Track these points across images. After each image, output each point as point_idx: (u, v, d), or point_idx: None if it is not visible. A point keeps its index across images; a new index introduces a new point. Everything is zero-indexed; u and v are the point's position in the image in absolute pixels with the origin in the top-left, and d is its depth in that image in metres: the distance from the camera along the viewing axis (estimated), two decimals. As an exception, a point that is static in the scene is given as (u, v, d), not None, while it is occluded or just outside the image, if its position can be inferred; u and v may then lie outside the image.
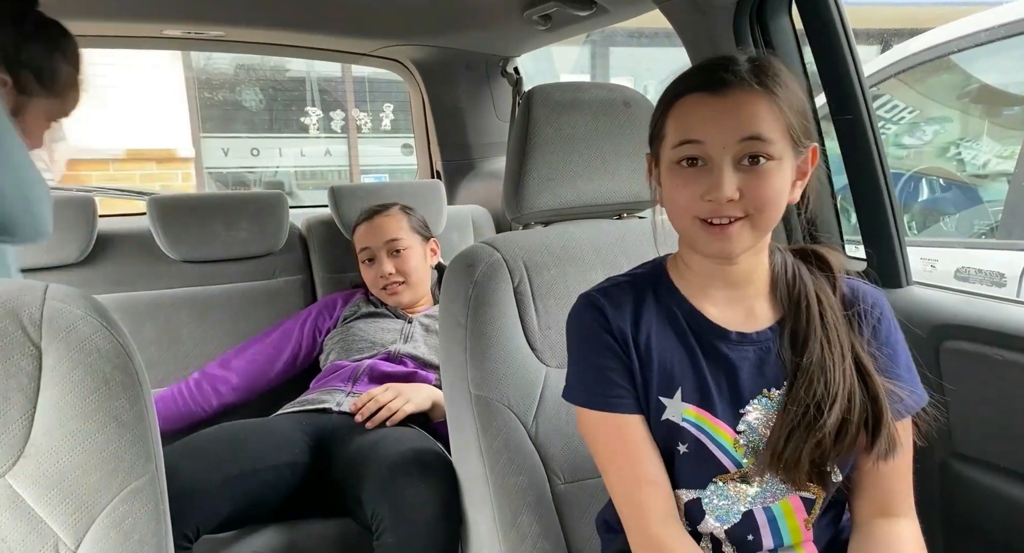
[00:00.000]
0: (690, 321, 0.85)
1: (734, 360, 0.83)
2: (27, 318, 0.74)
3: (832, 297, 0.84)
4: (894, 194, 1.22)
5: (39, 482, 0.73)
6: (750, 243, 0.79)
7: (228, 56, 5.97)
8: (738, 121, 0.76)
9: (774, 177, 0.77)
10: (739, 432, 0.83)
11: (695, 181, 0.78)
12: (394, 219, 1.76)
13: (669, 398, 0.83)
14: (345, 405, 1.52)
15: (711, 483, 0.83)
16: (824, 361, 0.79)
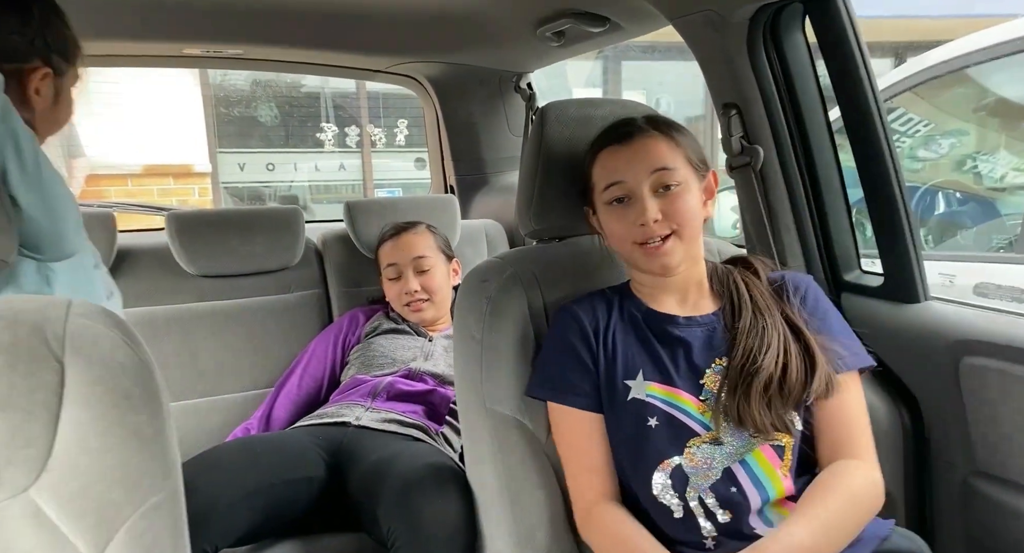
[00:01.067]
0: (646, 317, 1.03)
1: (685, 338, 1.00)
2: (51, 333, 0.76)
3: (758, 281, 1.04)
4: (910, 207, 1.21)
5: (61, 497, 0.74)
6: (682, 254, 0.99)
7: (244, 73, 6.05)
8: (646, 159, 0.98)
9: (685, 197, 0.98)
10: (702, 400, 0.97)
11: (626, 214, 0.99)
12: (421, 237, 1.79)
13: (633, 380, 0.99)
14: (364, 419, 1.53)
15: (686, 448, 0.95)
16: (757, 322, 0.97)
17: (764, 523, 0.93)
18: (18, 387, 0.73)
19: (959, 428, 1.13)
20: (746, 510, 0.92)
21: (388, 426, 1.52)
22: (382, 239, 1.83)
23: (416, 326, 1.77)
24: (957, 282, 2.10)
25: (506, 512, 1.06)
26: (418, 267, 1.74)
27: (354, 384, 1.64)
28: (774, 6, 1.21)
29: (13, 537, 0.73)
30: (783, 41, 1.29)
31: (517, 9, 1.60)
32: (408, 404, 1.58)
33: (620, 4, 1.42)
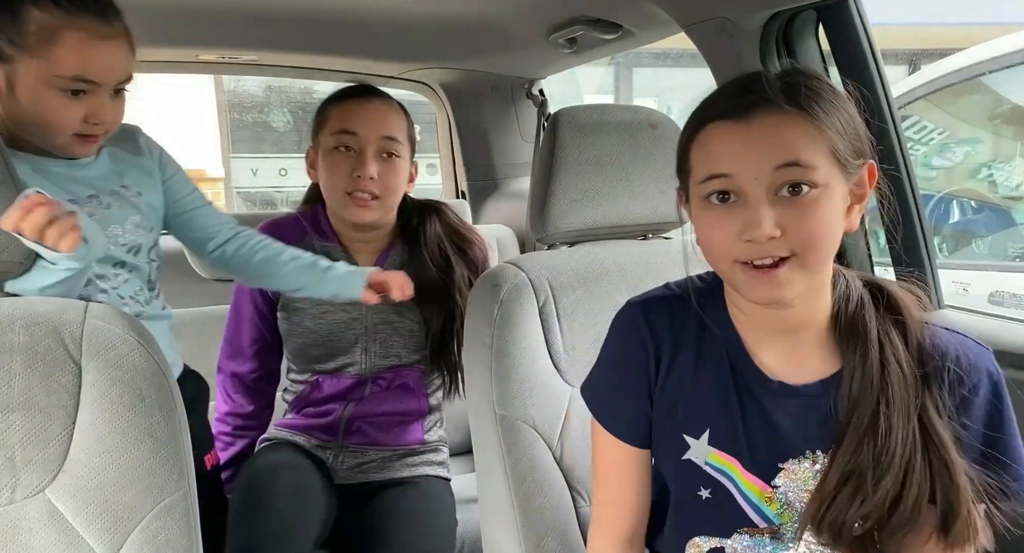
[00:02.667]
0: (734, 358, 0.77)
1: (773, 413, 0.75)
2: (68, 336, 0.77)
3: (900, 346, 0.71)
4: (924, 215, 1.21)
5: (77, 497, 0.75)
6: (803, 285, 0.69)
7: (258, 78, 6.11)
8: (769, 148, 0.67)
9: (820, 207, 0.67)
10: (774, 487, 0.75)
11: (728, 219, 0.69)
12: (395, 113, 1.29)
13: (695, 438, 0.77)
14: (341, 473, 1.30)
15: (736, 533, 0.77)
16: (878, 422, 0.68)
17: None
18: (36, 388, 0.74)
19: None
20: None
21: (373, 473, 1.31)
22: (338, 96, 1.30)
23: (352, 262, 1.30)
24: (972, 291, 2.08)
25: (515, 518, 1.05)
26: (384, 149, 1.25)
27: (302, 402, 1.33)
28: (787, 13, 1.21)
29: (29, 537, 0.74)
30: (796, 48, 1.29)
31: (530, 16, 1.61)
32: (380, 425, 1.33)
33: (633, 11, 1.43)
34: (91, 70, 0.91)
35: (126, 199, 1.04)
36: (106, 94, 0.94)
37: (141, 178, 1.08)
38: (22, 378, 0.74)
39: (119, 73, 0.95)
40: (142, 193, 1.07)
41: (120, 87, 0.97)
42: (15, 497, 0.74)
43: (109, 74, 0.93)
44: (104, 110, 0.95)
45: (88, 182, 1.00)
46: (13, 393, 0.73)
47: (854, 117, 0.71)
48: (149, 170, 1.10)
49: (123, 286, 1.05)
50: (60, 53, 0.89)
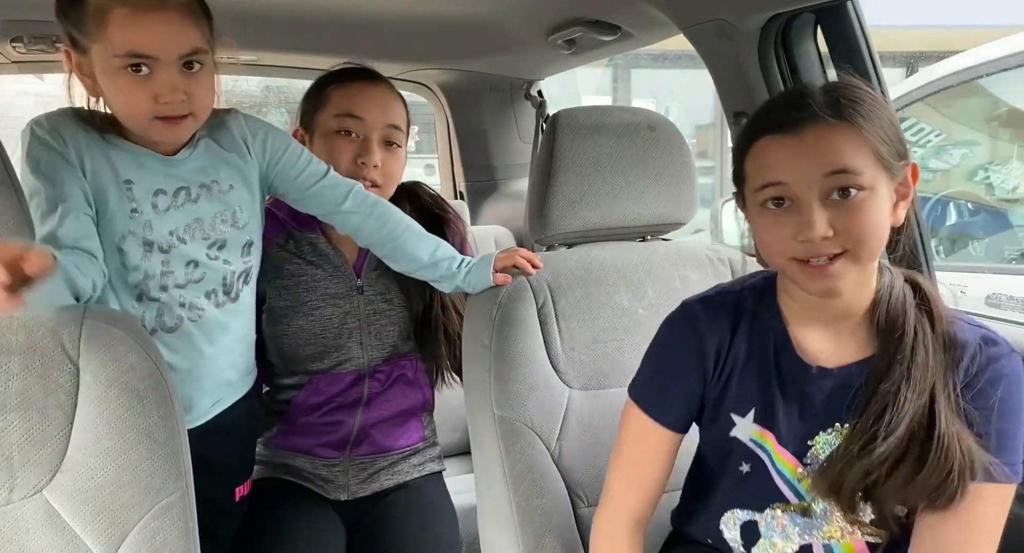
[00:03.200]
0: (779, 348, 0.85)
1: (809, 392, 0.83)
2: (67, 336, 0.77)
3: (929, 333, 0.79)
4: (922, 217, 1.21)
5: (74, 497, 0.75)
6: (853, 279, 0.77)
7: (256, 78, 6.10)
8: (819, 158, 0.74)
9: (868, 208, 0.74)
10: (805, 464, 0.82)
11: (784, 222, 0.76)
12: (398, 101, 1.26)
13: (741, 416, 0.85)
14: (353, 487, 1.26)
15: (769, 508, 0.85)
16: (899, 394, 0.76)
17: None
18: (34, 388, 0.74)
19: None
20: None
21: (384, 480, 1.28)
22: (340, 77, 1.24)
23: (337, 252, 1.24)
24: (969, 293, 2.08)
25: (513, 519, 1.06)
26: (387, 138, 1.21)
27: (302, 409, 1.25)
28: (785, 15, 1.22)
29: (27, 538, 0.74)
30: (794, 50, 1.29)
31: (529, 17, 1.61)
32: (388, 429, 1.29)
33: (631, 13, 1.43)
34: (142, 44, 0.88)
35: (214, 193, 1.01)
36: (171, 69, 0.89)
37: (233, 173, 1.03)
38: (20, 378, 0.74)
39: (178, 45, 0.89)
40: (234, 187, 1.03)
41: (191, 60, 0.91)
42: (12, 498, 0.74)
43: (163, 47, 0.89)
44: (172, 86, 0.89)
45: (180, 175, 0.98)
46: (10, 393, 0.73)
47: (894, 121, 0.78)
48: (243, 162, 1.04)
49: (193, 286, 0.99)
50: (112, 32, 0.87)
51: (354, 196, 1.10)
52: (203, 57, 0.93)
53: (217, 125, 1.03)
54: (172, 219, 0.97)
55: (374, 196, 1.13)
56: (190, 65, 0.92)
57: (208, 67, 0.94)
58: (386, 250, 1.14)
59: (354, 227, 1.12)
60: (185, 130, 0.96)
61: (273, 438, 1.29)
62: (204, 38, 0.93)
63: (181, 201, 0.98)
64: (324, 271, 1.24)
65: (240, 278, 1.05)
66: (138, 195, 0.95)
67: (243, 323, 1.09)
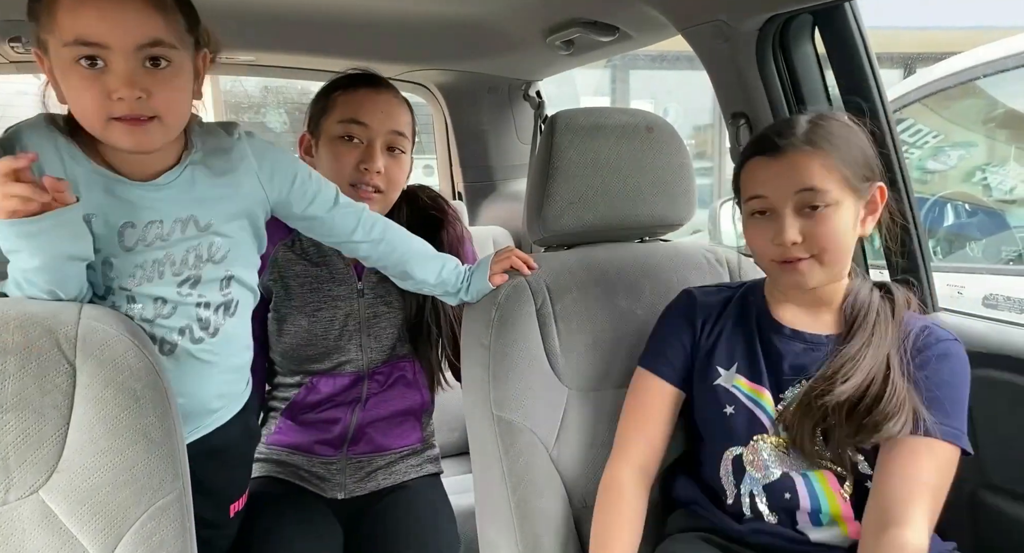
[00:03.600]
0: (760, 316, 1.03)
1: (783, 349, 0.99)
2: (63, 336, 0.76)
3: (890, 317, 0.96)
4: (919, 218, 1.21)
5: (71, 498, 0.75)
6: (822, 277, 0.94)
7: (255, 78, 6.10)
8: (793, 177, 0.91)
9: (832, 220, 0.91)
10: (778, 408, 0.97)
11: (766, 229, 0.94)
12: (404, 108, 1.25)
13: (726, 369, 1.01)
14: (350, 486, 1.26)
15: (751, 440, 0.97)
16: (857, 354, 0.91)
17: (814, 524, 0.95)
18: (30, 388, 0.74)
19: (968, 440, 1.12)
20: (795, 517, 0.95)
21: (381, 479, 1.28)
22: (345, 83, 1.24)
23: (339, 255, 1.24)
24: (966, 294, 2.09)
25: (511, 519, 1.05)
26: (391, 144, 1.21)
27: (299, 407, 1.27)
28: (783, 17, 1.22)
29: (23, 538, 0.74)
30: (792, 51, 1.29)
31: (527, 18, 1.61)
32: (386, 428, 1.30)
33: (630, 13, 1.43)
34: (91, 29, 0.76)
35: (190, 229, 0.89)
36: (127, 62, 0.78)
37: (218, 206, 0.91)
38: (16, 379, 0.74)
39: (133, 34, 0.77)
40: (214, 222, 0.91)
41: (156, 55, 0.79)
42: (9, 498, 0.73)
43: (113, 33, 0.77)
44: (126, 80, 0.77)
45: (155, 207, 0.87)
46: (7, 394, 0.73)
47: (865, 149, 0.95)
48: (238, 192, 0.93)
49: (162, 321, 0.90)
50: (60, 18, 0.77)
51: (363, 225, 1.05)
52: (171, 53, 0.81)
53: (215, 149, 0.92)
54: (138, 255, 0.87)
55: (382, 222, 1.09)
56: (156, 61, 0.80)
57: (180, 67, 0.83)
58: (395, 272, 1.12)
59: (363, 254, 1.08)
60: (150, 136, 0.82)
61: (271, 435, 1.29)
62: (173, 32, 0.81)
63: (151, 238, 0.87)
64: (327, 273, 1.24)
65: (220, 311, 0.94)
66: (99, 231, 0.84)
67: (231, 353, 0.98)
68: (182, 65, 0.83)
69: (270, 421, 1.31)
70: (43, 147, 0.82)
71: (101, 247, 0.85)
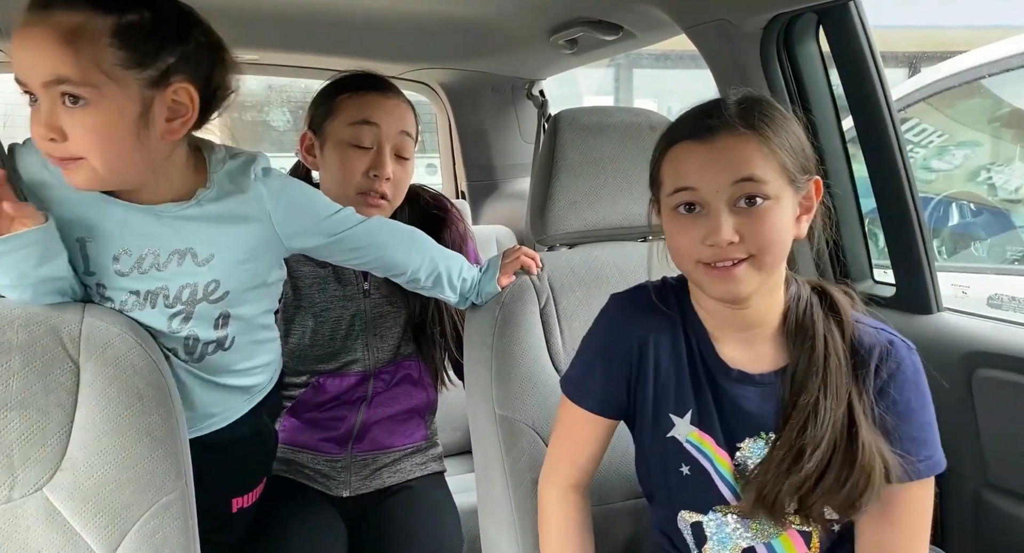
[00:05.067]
0: (702, 348, 0.87)
1: (733, 397, 0.85)
2: (67, 335, 0.77)
3: (839, 341, 0.83)
4: (923, 218, 1.21)
5: (75, 496, 0.75)
6: (757, 283, 0.80)
7: (258, 77, 6.11)
8: (728, 165, 0.78)
9: (772, 216, 0.78)
10: (736, 465, 0.85)
11: (694, 226, 0.80)
12: (410, 110, 1.24)
13: (680, 417, 0.87)
14: (354, 483, 1.27)
15: (711, 511, 0.87)
16: (818, 406, 0.79)
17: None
18: (34, 387, 0.74)
19: (971, 440, 1.12)
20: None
21: (386, 477, 1.29)
22: (353, 86, 1.22)
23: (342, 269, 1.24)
24: (971, 293, 2.08)
25: (513, 518, 1.05)
26: (399, 148, 1.20)
27: (305, 406, 1.27)
28: (788, 16, 1.22)
29: (27, 536, 0.74)
30: (796, 51, 1.29)
31: (531, 17, 1.61)
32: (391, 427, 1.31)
33: (633, 13, 1.43)
34: (16, 65, 0.77)
35: (187, 262, 0.87)
36: (43, 98, 0.76)
37: (220, 245, 0.88)
38: (20, 377, 0.74)
39: (35, 69, 0.75)
40: (215, 256, 0.88)
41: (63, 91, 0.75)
42: (13, 495, 0.74)
43: (24, 70, 0.76)
44: (42, 119, 0.76)
45: (152, 233, 0.85)
46: (11, 392, 0.73)
47: (801, 138, 0.82)
48: (247, 230, 0.91)
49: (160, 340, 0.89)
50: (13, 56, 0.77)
51: (388, 232, 1.04)
52: (84, 91, 0.75)
53: (231, 191, 0.89)
54: (133, 282, 0.85)
55: (407, 228, 1.09)
56: (74, 99, 0.75)
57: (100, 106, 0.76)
58: (429, 283, 1.09)
59: (402, 268, 1.06)
60: (77, 175, 0.79)
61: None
62: (85, 68, 0.75)
63: (146, 266, 0.85)
64: (333, 274, 1.25)
65: (211, 346, 0.92)
66: (93, 254, 0.83)
67: (223, 377, 0.95)
68: (104, 103, 0.76)
69: (276, 420, 1.31)
70: (39, 166, 0.81)
71: (95, 270, 0.84)
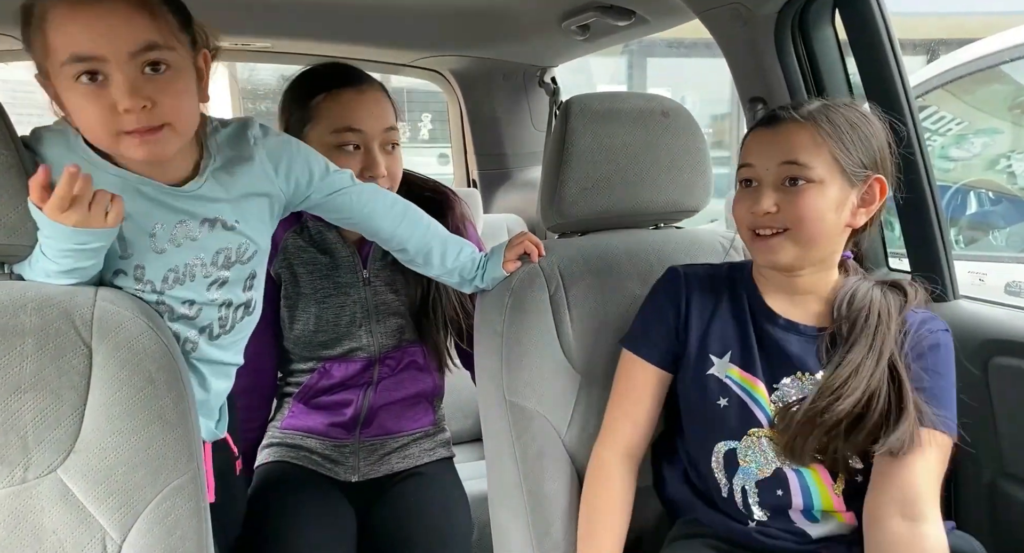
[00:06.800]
0: (752, 303, 1.00)
1: (778, 340, 0.97)
2: (79, 318, 0.77)
3: (894, 315, 0.93)
4: (940, 206, 1.19)
5: (88, 477, 0.76)
6: (794, 255, 0.92)
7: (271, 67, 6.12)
8: (779, 148, 0.91)
9: (810, 196, 0.90)
10: (773, 400, 0.95)
11: (748, 197, 0.94)
12: (387, 100, 1.23)
13: (719, 357, 0.99)
14: (362, 468, 1.28)
15: (746, 435, 0.96)
16: (862, 366, 0.89)
17: (809, 519, 0.95)
18: (47, 369, 0.75)
19: (987, 429, 1.10)
20: (788, 514, 0.95)
21: (395, 463, 1.30)
22: (324, 86, 1.19)
23: (344, 243, 1.25)
24: (988, 281, 2.06)
25: (524, 504, 1.06)
26: (387, 141, 1.20)
27: (311, 391, 1.28)
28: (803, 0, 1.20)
29: (41, 516, 0.75)
30: (812, 36, 1.27)
31: (542, 3, 1.60)
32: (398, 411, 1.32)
33: (646, -3, 1.42)
34: (82, 42, 0.74)
35: (218, 229, 0.90)
36: (127, 72, 0.76)
37: (243, 207, 0.92)
38: (34, 359, 0.75)
39: (123, 40, 0.75)
40: (240, 222, 0.91)
41: (149, 59, 0.77)
42: (27, 476, 0.75)
43: (105, 44, 0.75)
44: (130, 91, 0.75)
45: (183, 208, 0.87)
46: (25, 374, 0.74)
47: (871, 139, 0.92)
48: (258, 194, 0.94)
49: (198, 317, 0.92)
50: (52, 38, 0.76)
51: (382, 202, 1.05)
52: (168, 55, 0.78)
53: (233, 155, 0.91)
54: (169, 259, 0.87)
55: (402, 201, 1.09)
56: (155, 66, 0.77)
57: (180, 69, 0.80)
58: (415, 256, 1.09)
59: (387, 235, 1.06)
60: (165, 145, 0.80)
61: (285, 419, 1.30)
62: (166, 33, 0.78)
63: (181, 238, 0.87)
64: (334, 260, 1.25)
65: (240, 310, 0.96)
66: (130, 235, 0.84)
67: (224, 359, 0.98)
68: (182, 66, 0.81)
69: (284, 406, 1.32)
70: (63, 154, 0.82)
71: (132, 252, 0.85)
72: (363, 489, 1.27)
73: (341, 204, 1.02)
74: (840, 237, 0.94)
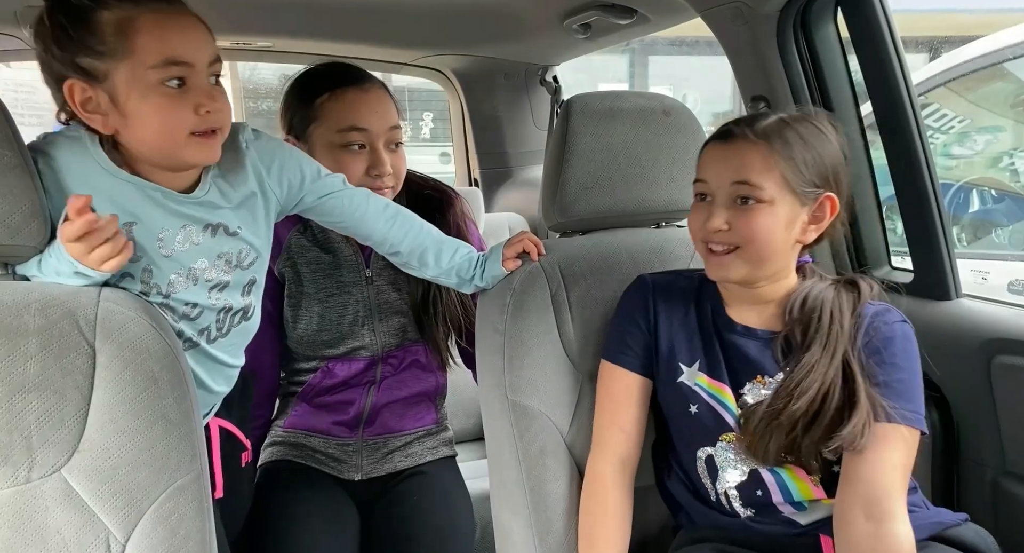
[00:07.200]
0: (715, 315, 1.02)
1: (738, 346, 0.99)
2: (83, 318, 0.78)
3: (847, 314, 0.94)
4: (943, 204, 1.19)
5: (92, 477, 0.76)
6: (745, 272, 0.94)
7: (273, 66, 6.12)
8: (731, 166, 0.92)
9: (761, 216, 0.91)
10: (739, 396, 0.97)
11: (700, 212, 0.96)
12: (391, 100, 1.25)
13: (688, 366, 1.01)
14: (366, 467, 1.29)
15: (719, 440, 0.98)
16: (816, 365, 0.91)
17: (796, 510, 0.96)
18: (51, 369, 0.75)
19: (990, 427, 1.11)
20: (773, 508, 0.96)
21: (398, 461, 1.31)
22: (327, 85, 1.20)
23: (346, 242, 1.26)
24: (991, 280, 2.06)
25: (526, 504, 1.06)
26: (391, 140, 1.22)
27: (315, 390, 1.28)
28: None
29: (45, 516, 0.75)
30: (814, 34, 1.27)
31: (543, 1, 1.60)
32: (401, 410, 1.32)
33: (648, -4, 1.41)
34: (178, 49, 0.82)
35: (220, 235, 0.93)
36: (204, 77, 0.85)
37: (242, 213, 0.96)
38: (38, 360, 0.75)
39: (207, 50, 0.85)
40: (242, 228, 0.95)
41: (215, 70, 0.87)
42: (32, 476, 0.75)
43: (197, 51, 0.84)
44: (210, 94, 0.85)
45: (188, 214, 0.91)
46: (29, 374, 0.75)
47: (825, 157, 0.93)
48: (254, 199, 0.97)
49: (198, 319, 0.95)
50: (143, 42, 0.81)
51: (374, 205, 1.07)
52: (219, 65, 0.88)
53: (229, 161, 0.94)
54: (175, 262, 0.90)
55: (393, 204, 1.11)
56: (216, 77, 0.88)
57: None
58: (409, 258, 1.10)
59: (379, 238, 1.08)
60: (217, 147, 0.88)
61: (288, 419, 1.31)
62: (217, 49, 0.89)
63: (187, 243, 0.91)
64: (337, 259, 1.25)
65: (237, 317, 0.99)
66: (140, 237, 0.87)
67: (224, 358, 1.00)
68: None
69: (288, 406, 1.32)
70: (75, 159, 0.85)
71: (141, 255, 0.88)
72: (366, 488, 1.28)
73: (333, 207, 1.04)
74: (791, 253, 0.96)
